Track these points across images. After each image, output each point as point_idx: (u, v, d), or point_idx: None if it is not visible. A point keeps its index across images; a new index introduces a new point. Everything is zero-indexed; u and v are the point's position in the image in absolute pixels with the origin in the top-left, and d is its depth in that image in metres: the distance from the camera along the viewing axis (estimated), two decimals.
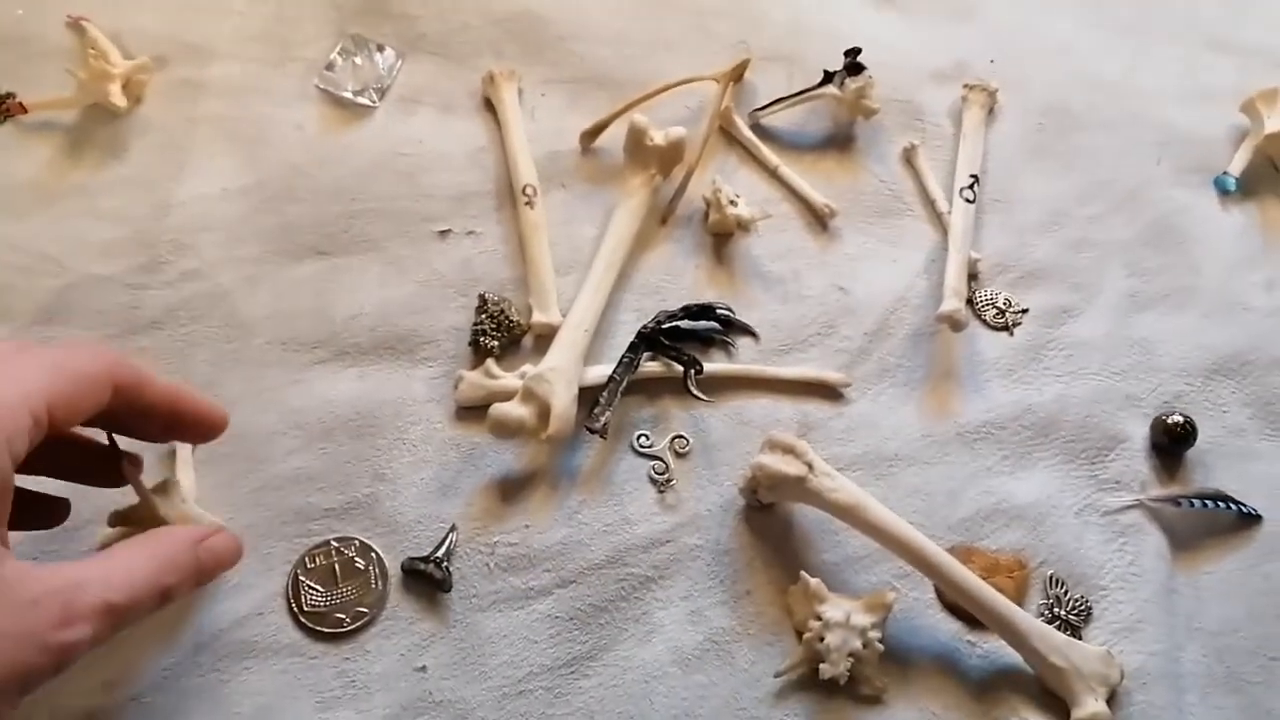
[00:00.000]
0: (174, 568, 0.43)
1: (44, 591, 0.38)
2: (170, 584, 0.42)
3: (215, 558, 0.46)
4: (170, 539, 0.44)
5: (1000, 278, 0.69)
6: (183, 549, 0.44)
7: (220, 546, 0.46)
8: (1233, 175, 0.74)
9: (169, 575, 0.42)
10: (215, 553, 0.46)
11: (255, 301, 0.62)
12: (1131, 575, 0.59)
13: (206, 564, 0.45)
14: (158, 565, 0.42)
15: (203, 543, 0.45)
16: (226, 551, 0.46)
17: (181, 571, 0.43)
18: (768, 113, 0.73)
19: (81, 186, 0.65)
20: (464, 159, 0.69)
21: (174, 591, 0.43)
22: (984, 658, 0.56)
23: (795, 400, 0.63)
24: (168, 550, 0.43)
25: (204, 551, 0.45)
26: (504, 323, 0.62)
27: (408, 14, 0.74)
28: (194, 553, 0.44)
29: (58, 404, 0.40)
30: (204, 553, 0.45)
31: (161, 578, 0.42)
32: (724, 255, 0.68)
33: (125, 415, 0.46)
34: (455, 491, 0.58)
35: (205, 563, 0.45)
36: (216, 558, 0.46)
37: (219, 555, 0.46)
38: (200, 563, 0.44)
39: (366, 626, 0.54)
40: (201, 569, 0.44)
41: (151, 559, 0.42)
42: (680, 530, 0.58)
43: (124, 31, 0.70)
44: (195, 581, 0.44)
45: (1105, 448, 0.63)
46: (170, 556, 0.43)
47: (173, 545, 0.44)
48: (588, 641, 0.55)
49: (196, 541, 0.44)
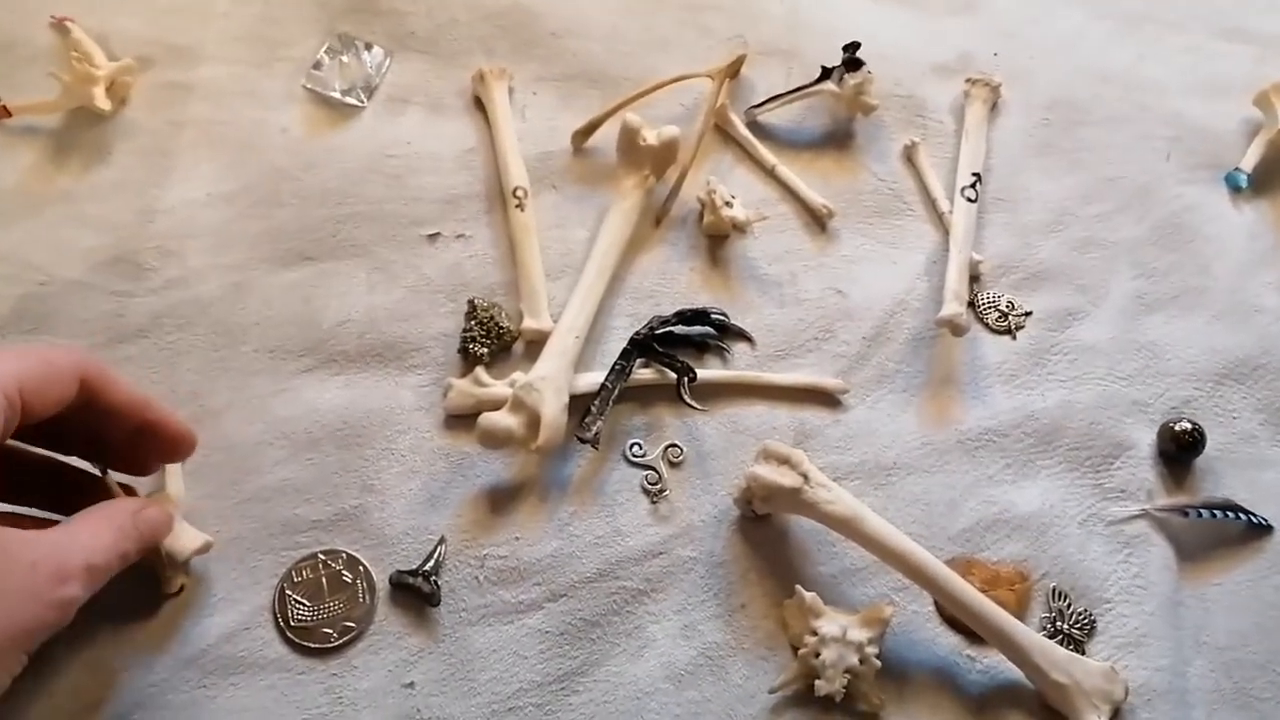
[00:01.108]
0: (125, 534, 0.47)
1: (39, 555, 0.43)
2: (125, 549, 0.47)
3: (150, 525, 0.50)
4: (118, 509, 0.49)
5: (1003, 279, 0.68)
6: (128, 517, 0.48)
7: (152, 516, 0.50)
8: (1244, 171, 0.72)
9: (124, 541, 0.47)
10: (149, 520, 0.50)
11: (242, 308, 0.62)
12: (1137, 588, 0.58)
13: (145, 532, 0.49)
14: (115, 532, 0.47)
15: (139, 514, 0.49)
16: (159, 521, 0.51)
17: (130, 537, 0.48)
18: (764, 110, 0.71)
19: (66, 192, 0.64)
20: (453, 160, 0.68)
21: (128, 555, 0.47)
22: (984, 673, 0.55)
23: (792, 407, 0.62)
24: (120, 519, 0.48)
25: (141, 520, 0.49)
26: (494, 329, 0.61)
27: (396, 10, 0.73)
28: (135, 520, 0.48)
29: (28, 387, 0.44)
30: (141, 521, 0.49)
31: (120, 543, 0.47)
32: (719, 258, 0.67)
33: (93, 414, 0.49)
34: (444, 503, 0.57)
35: (144, 530, 0.49)
36: (152, 525, 0.50)
37: (153, 524, 0.50)
38: (140, 530, 0.49)
39: (354, 641, 0.53)
40: (142, 536, 0.49)
41: (110, 526, 0.47)
42: (673, 542, 0.57)
43: (109, 33, 0.69)
44: (139, 548, 0.49)
45: (1110, 455, 0.62)
46: (121, 525, 0.48)
47: (122, 514, 0.48)
48: (578, 657, 0.54)
49: (136, 513, 0.49)
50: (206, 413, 0.58)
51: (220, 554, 0.54)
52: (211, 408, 0.58)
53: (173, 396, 0.58)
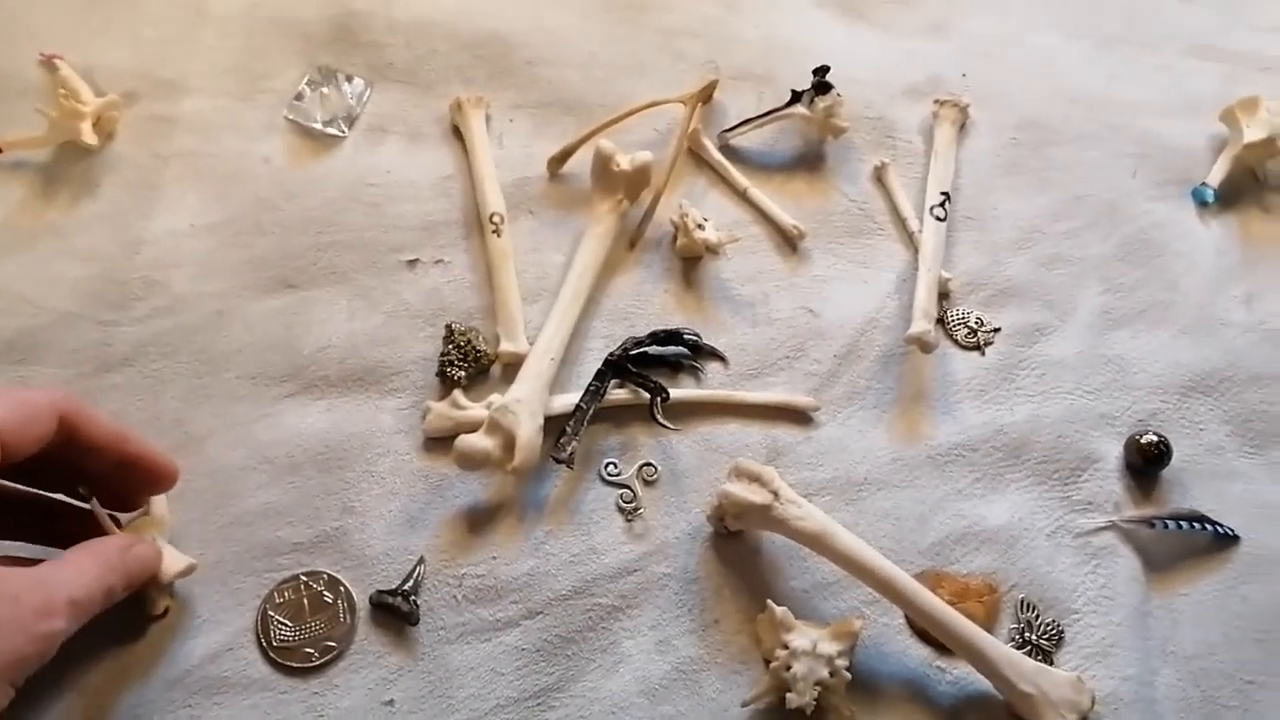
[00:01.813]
0: (112, 570, 0.48)
1: (22, 589, 0.43)
2: (112, 584, 0.48)
3: (140, 562, 0.51)
4: (106, 546, 0.49)
5: (972, 296, 0.69)
6: (116, 554, 0.49)
7: (142, 553, 0.51)
8: (1211, 186, 0.73)
9: (110, 576, 0.48)
10: (139, 557, 0.51)
11: (225, 336, 0.63)
12: (1104, 598, 0.58)
13: (133, 568, 0.50)
14: (102, 567, 0.48)
15: (129, 550, 0.50)
16: (147, 558, 0.51)
17: (118, 573, 0.48)
18: (736, 134, 0.72)
19: (55, 225, 0.66)
20: (431, 188, 0.69)
21: (114, 591, 0.48)
22: (954, 684, 0.56)
23: (764, 425, 0.63)
24: (106, 555, 0.49)
25: (130, 557, 0.50)
26: (471, 353, 0.62)
27: (376, 41, 0.75)
28: (124, 558, 0.49)
29: (8, 428, 0.45)
30: (130, 558, 0.50)
31: (105, 578, 0.47)
32: (693, 279, 0.68)
33: (74, 451, 0.50)
34: (423, 523, 0.58)
35: (132, 567, 0.50)
36: (141, 562, 0.51)
37: (142, 560, 0.51)
38: (128, 567, 0.49)
39: (335, 661, 0.54)
40: (130, 573, 0.50)
41: (96, 562, 0.48)
42: (648, 559, 0.58)
43: (95, 68, 0.71)
44: (127, 584, 0.49)
45: (1078, 468, 0.63)
46: (108, 560, 0.48)
47: (109, 551, 0.49)
48: (554, 673, 0.55)
49: (125, 549, 0.50)
50: (190, 439, 0.59)
51: (204, 577, 0.55)
52: (195, 434, 0.59)
53: (157, 423, 0.59)
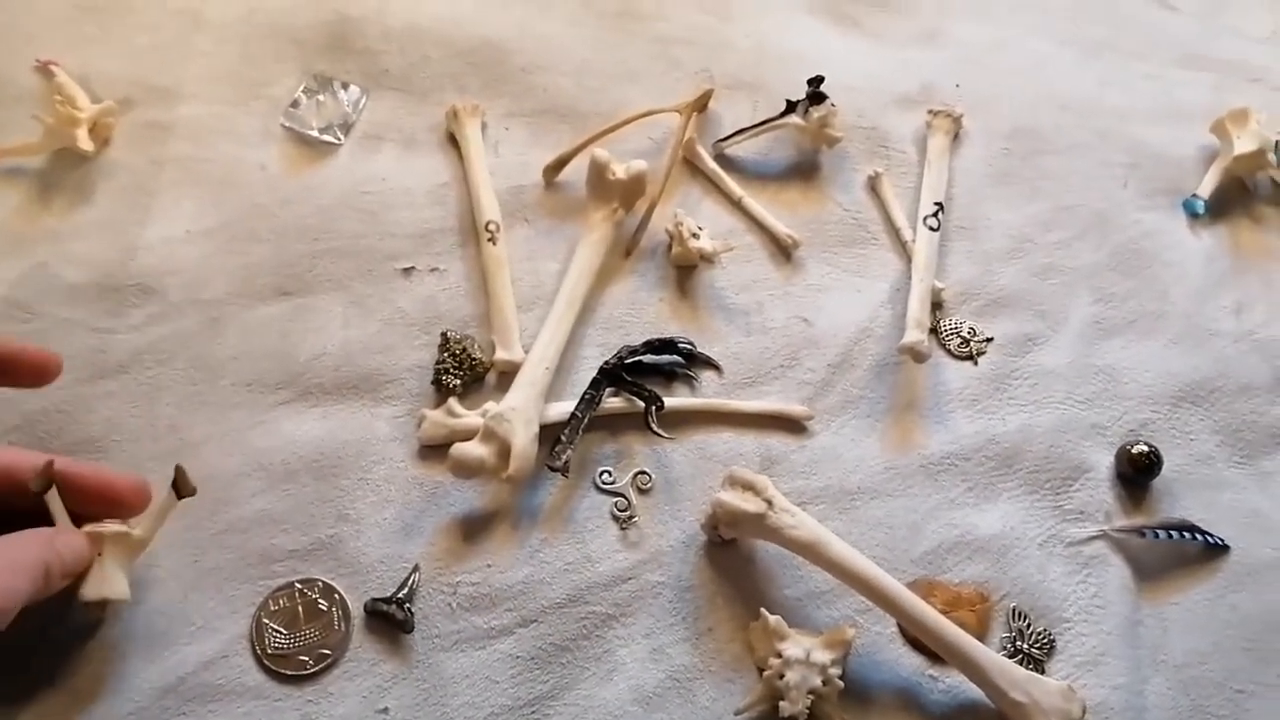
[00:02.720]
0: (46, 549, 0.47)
1: None
2: (48, 560, 0.47)
3: (70, 549, 0.49)
4: (36, 534, 0.48)
5: (965, 306, 0.69)
6: (44, 539, 0.48)
7: (71, 540, 0.50)
8: (1201, 197, 0.74)
9: (45, 553, 0.47)
10: (69, 544, 0.49)
11: (220, 343, 0.63)
12: (1095, 607, 0.59)
13: (65, 555, 0.49)
14: (36, 544, 0.47)
15: (58, 537, 0.49)
16: (77, 545, 0.50)
17: (50, 554, 0.47)
18: (731, 143, 0.73)
19: (50, 231, 0.65)
20: (427, 195, 0.70)
21: (51, 571, 0.47)
22: (945, 693, 0.56)
23: (758, 434, 0.63)
24: (36, 537, 0.48)
25: (61, 544, 0.49)
26: (466, 361, 0.63)
27: (370, 49, 0.75)
28: (53, 542, 0.48)
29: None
30: (61, 544, 0.49)
31: (42, 554, 0.47)
32: (687, 288, 0.68)
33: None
34: (418, 531, 0.58)
35: (64, 553, 0.49)
36: (72, 549, 0.50)
37: (73, 548, 0.50)
38: (60, 552, 0.48)
39: (329, 668, 0.54)
40: (63, 559, 0.48)
41: (28, 540, 0.47)
42: (642, 567, 0.58)
43: (91, 74, 0.71)
44: (61, 570, 0.48)
45: (1069, 478, 0.63)
46: (40, 541, 0.47)
47: (38, 534, 0.48)
48: (549, 681, 0.55)
49: (53, 536, 0.49)
50: (185, 445, 0.59)
51: (198, 583, 0.55)
52: (190, 441, 0.59)
53: (152, 430, 0.59)
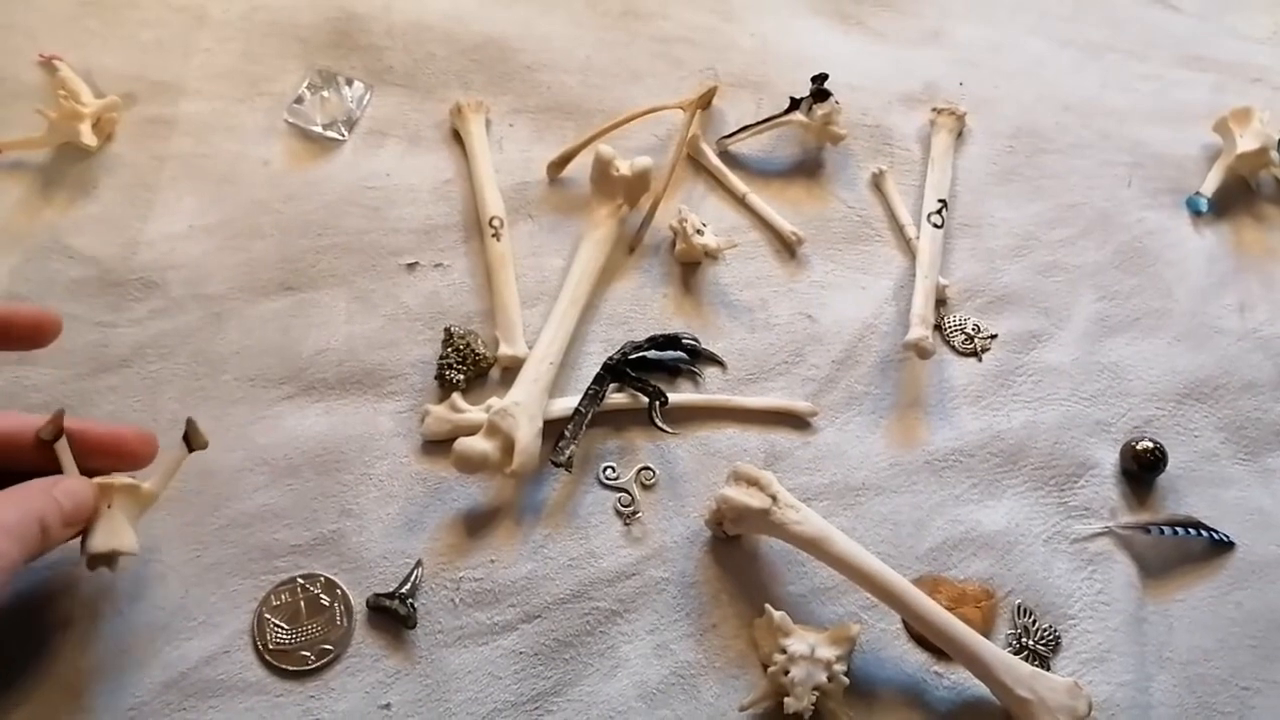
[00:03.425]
0: (41, 501, 0.47)
1: None
2: (43, 513, 0.46)
3: (70, 496, 0.49)
4: (36, 483, 0.48)
5: (969, 303, 0.69)
6: (42, 489, 0.48)
7: (71, 486, 0.49)
8: (1204, 196, 0.74)
9: (39, 506, 0.46)
10: (68, 491, 0.49)
11: (223, 338, 0.63)
12: (1100, 604, 0.59)
13: (65, 503, 0.48)
14: (30, 496, 0.46)
15: (56, 485, 0.48)
16: (78, 491, 0.49)
17: (47, 505, 0.47)
18: (735, 140, 0.73)
19: (52, 226, 0.65)
20: (431, 191, 0.69)
21: (48, 524, 0.46)
22: (951, 689, 0.56)
23: (762, 430, 0.63)
24: (30, 489, 0.47)
25: (59, 492, 0.48)
26: (470, 356, 0.62)
27: (375, 45, 0.75)
28: (51, 492, 0.48)
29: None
30: (59, 493, 0.48)
31: (35, 507, 0.46)
32: (691, 284, 0.68)
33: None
34: (421, 526, 0.58)
35: (63, 502, 0.48)
36: (71, 495, 0.49)
37: (72, 493, 0.49)
38: (59, 501, 0.48)
39: (331, 664, 0.54)
40: (62, 508, 0.48)
41: (22, 493, 0.47)
42: (646, 563, 0.58)
43: (93, 69, 0.71)
44: (62, 519, 0.48)
45: (1074, 474, 0.63)
46: (35, 492, 0.47)
47: (33, 485, 0.48)
48: (552, 677, 0.55)
49: (52, 485, 0.48)
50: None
51: (200, 578, 0.55)
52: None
53: (154, 425, 0.59)
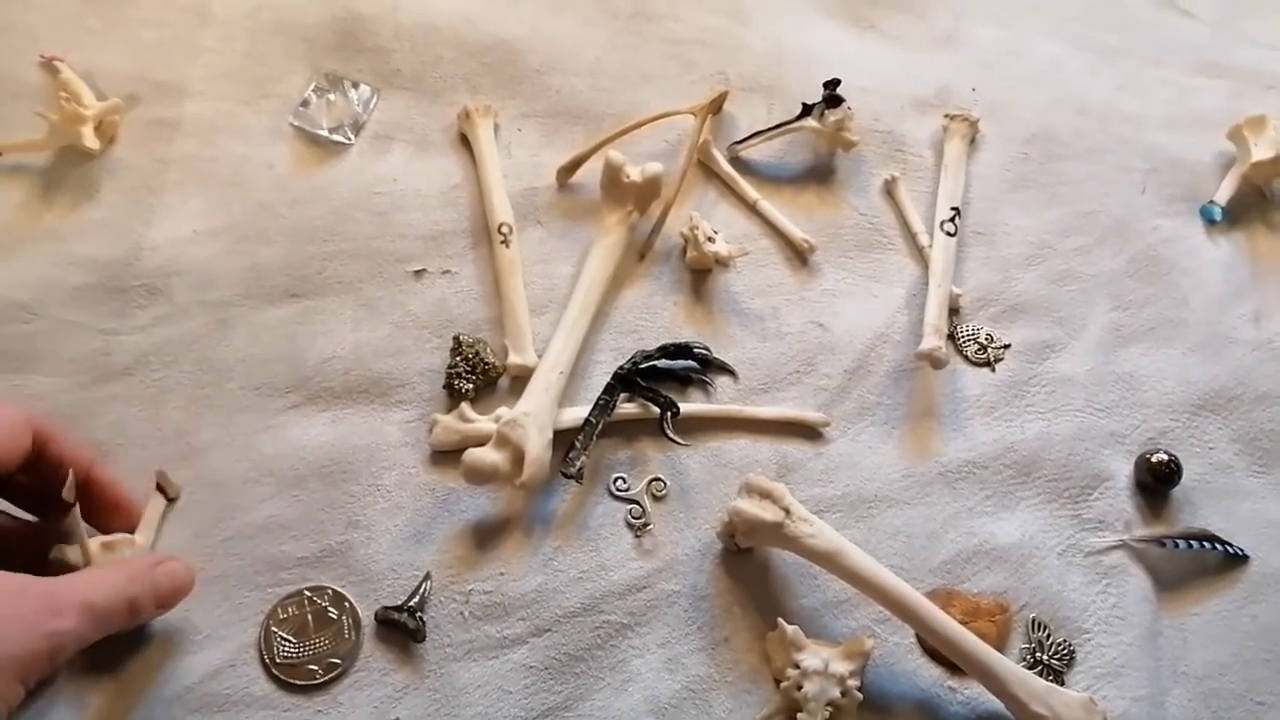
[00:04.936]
0: (138, 581, 0.48)
1: (29, 584, 0.44)
2: (135, 595, 0.48)
3: (170, 578, 0.50)
4: (134, 560, 0.51)
5: (982, 312, 0.69)
6: (144, 567, 0.50)
7: (174, 569, 0.51)
8: (1219, 204, 0.73)
9: (134, 587, 0.48)
10: (170, 573, 0.50)
11: (228, 346, 0.62)
12: (1115, 618, 0.58)
13: (162, 584, 0.50)
14: (126, 577, 0.48)
15: (159, 566, 0.50)
16: (179, 574, 0.51)
17: (143, 585, 0.48)
18: (746, 146, 0.72)
19: (53, 230, 0.64)
20: (439, 197, 0.69)
21: (139, 604, 0.48)
22: (965, 704, 0.56)
23: (774, 441, 0.62)
24: (132, 567, 0.50)
25: (160, 573, 0.50)
26: (479, 365, 0.62)
27: (382, 48, 0.74)
28: (152, 572, 0.50)
29: None
30: (160, 574, 0.50)
31: (129, 588, 0.48)
32: (702, 292, 0.67)
33: (41, 469, 0.52)
34: (429, 538, 0.57)
35: (161, 582, 0.50)
36: (171, 578, 0.50)
37: (173, 576, 0.51)
38: (157, 582, 0.49)
39: (339, 678, 0.54)
40: (159, 588, 0.50)
41: (120, 572, 0.48)
42: (657, 576, 0.58)
43: (95, 70, 0.70)
44: (156, 600, 0.49)
45: (1089, 487, 0.62)
46: (133, 573, 0.49)
47: (136, 563, 0.50)
48: (563, 691, 0.54)
49: (154, 564, 0.50)
50: (192, 450, 0.58)
51: (205, 591, 0.54)
52: (197, 445, 0.58)
53: (158, 434, 0.58)
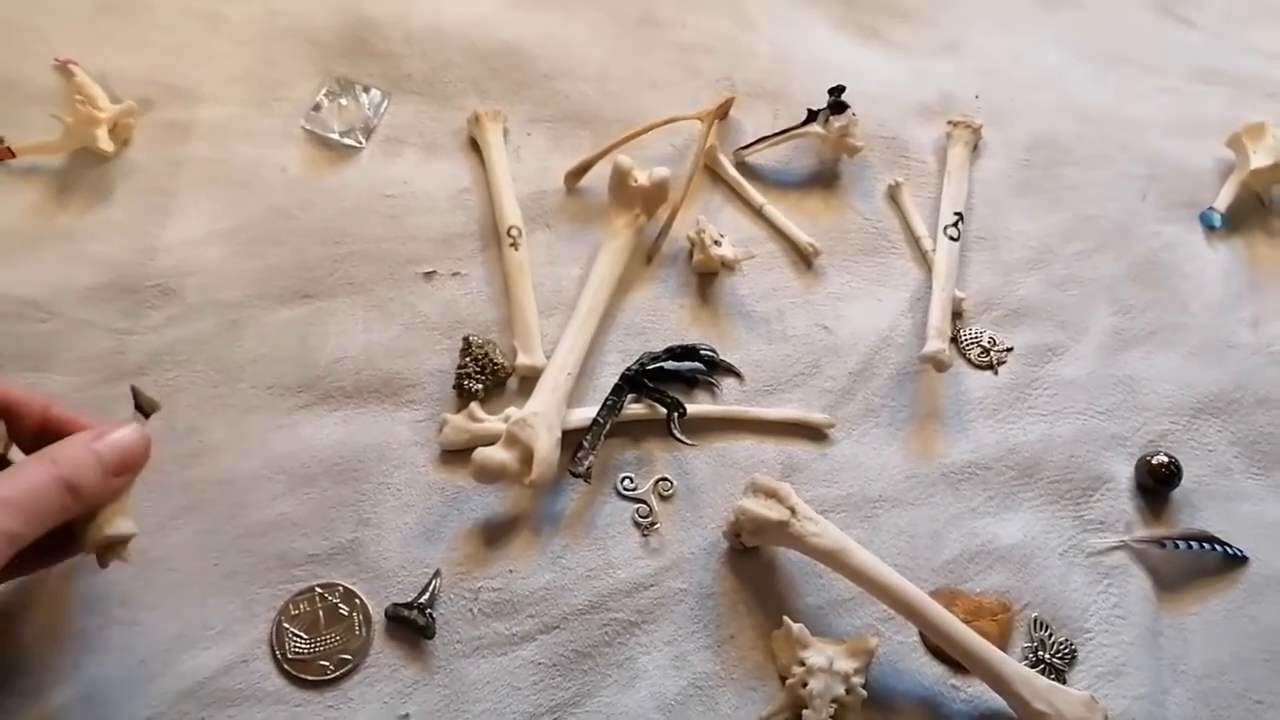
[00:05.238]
0: (67, 462, 0.43)
1: None
2: (67, 475, 0.43)
3: (112, 446, 0.46)
4: (61, 443, 0.45)
5: (985, 316, 0.69)
6: (75, 445, 0.44)
7: (116, 437, 0.46)
8: (1218, 210, 0.74)
9: (62, 468, 0.43)
10: (112, 442, 0.46)
11: (240, 346, 0.63)
12: (1116, 618, 0.59)
13: (106, 454, 0.45)
14: (47, 462, 0.43)
15: (98, 438, 0.45)
16: (125, 438, 0.46)
17: (76, 463, 0.44)
18: (752, 151, 0.73)
19: (68, 231, 0.65)
20: (449, 200, 0.69)
21: (77, 483, 0.43)
22: (968, 703, 0.56)
23: (779, 441, 0.63)
24: (58, 449, 0.44)
25: (101, 445, 0.45)
26: (488, 365, 0.62)
27: (392, 52, 0.75)
28: (89, 448, 0.45)
29: None
30: (101, 445, 0.45)
31: (53, 470, 0.43)
32: (708, 295, 0.68)
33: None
34: (439, 536, 0.58)
35: (104, 453, 0.45)
36: (114, 446, 0.46)
37: (116, 443, 0.46)
38: (99, 454, 0.45)
39: (350, 674, 0.54)
40: (104, 460, 0.45)
41: (38, 461, 0.43)
42: (664, 574, 0.58)
43: (109, 73, 0.70)
44: (103, 472, 0.45)
45: (1090, 488, 0.63)
46: (60, 454, 0.44)
47: (63, 445, 0.44)
48: (570, 688, 0.55)
49: (92, 439, 0.45)
50: (205, 448, 0.59)
51: (217, 587, 0.55)
52: (209, 443, 0.59)
53: (171, 433, 0.59)
